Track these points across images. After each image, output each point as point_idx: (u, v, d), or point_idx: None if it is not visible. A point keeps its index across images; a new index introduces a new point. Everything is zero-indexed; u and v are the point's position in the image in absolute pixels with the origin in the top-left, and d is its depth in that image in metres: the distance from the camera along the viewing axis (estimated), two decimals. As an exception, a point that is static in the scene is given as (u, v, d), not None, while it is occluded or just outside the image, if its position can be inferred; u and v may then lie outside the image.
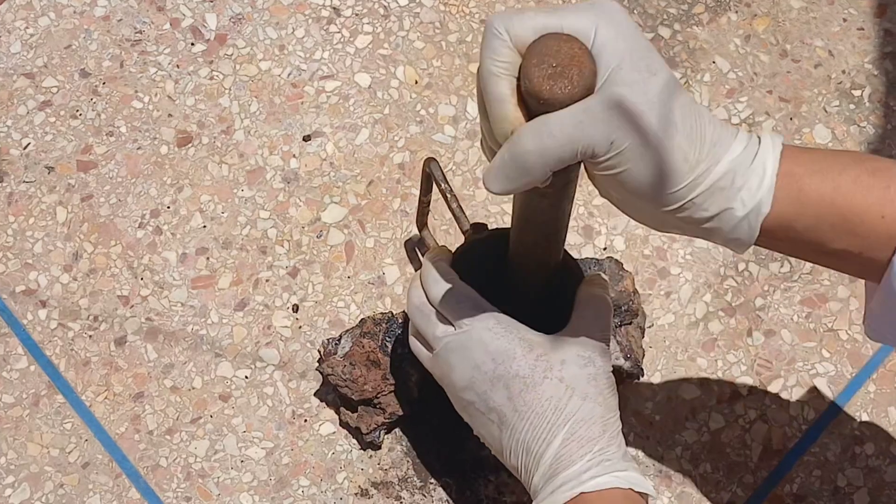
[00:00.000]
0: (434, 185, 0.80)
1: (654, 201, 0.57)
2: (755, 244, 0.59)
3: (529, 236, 0.65)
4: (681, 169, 0.55)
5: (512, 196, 0.61)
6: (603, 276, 0.72)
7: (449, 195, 0.77)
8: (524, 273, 0.69)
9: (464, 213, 0.77)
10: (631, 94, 0.53)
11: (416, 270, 0.87)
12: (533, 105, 0.54)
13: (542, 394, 0.64)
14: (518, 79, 0.54)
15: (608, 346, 0.67)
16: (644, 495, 0.63)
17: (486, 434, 0.67)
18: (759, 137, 0.58)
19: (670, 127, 0.54)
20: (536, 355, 0.65)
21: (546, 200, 0.60)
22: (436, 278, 0.69)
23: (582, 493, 0.62)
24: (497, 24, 0.54)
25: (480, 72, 0.55)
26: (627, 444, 0.66)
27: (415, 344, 0.71)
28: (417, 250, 0.88)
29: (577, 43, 0.53)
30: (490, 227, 0.75)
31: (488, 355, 0.65)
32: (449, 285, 0.68)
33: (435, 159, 0.78)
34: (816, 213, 0.57)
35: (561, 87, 0.53)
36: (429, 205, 0.83)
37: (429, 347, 0.69)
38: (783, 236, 0.58)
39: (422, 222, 0.85)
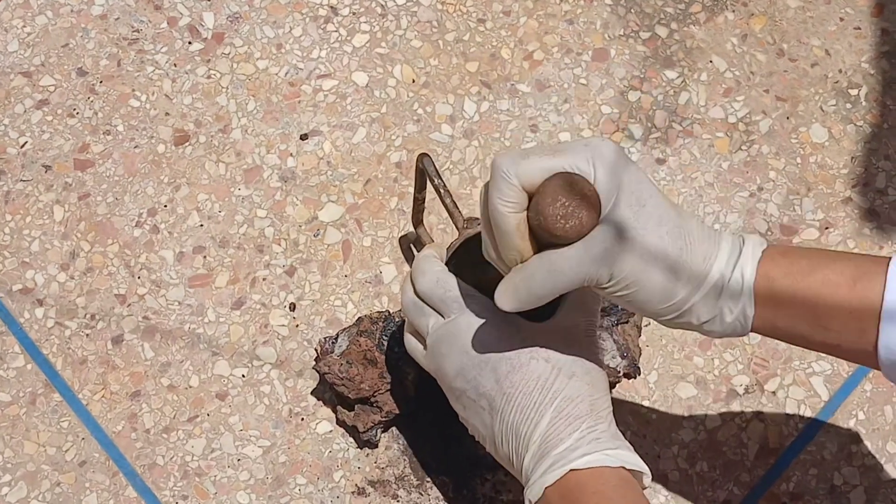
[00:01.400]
0: (428, 182, 0.80)
1: (652, 314, 0.64)
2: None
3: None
4: (671, 290, 0.62)
5: None
6: None
7: (443, 191, 0.77)
8: None
9: (458, 209, 0.77)
10: (626, 231, 0.60)
11: (409, 266, 0.87)
12: (543, 237, 0.61)
13: (528, 374, 0.65)
14: (528, 212, 0.61)
15: (595, 333, 0.69)
16: (637, 473, 0.64)
17: (479, 425, 0.68)
18: (742, 240, 0.64)
19: (661, 253, 0.61)
20: (523, 338, 0.66)
21: None
22: (423, 271, 0.70)
23: (572, 470, 0.62)
24: (505, 168, 0.61)
25: (491, 208, 0.62)
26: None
27: (410, 342, 0.71)
28: (413, 248, 0.88)
29: (586, 184, 0.60)
30: None
31: (476, 340, 0.67)
32: (436, 277, 0.69)
33: (428, 155, 0.78)
34: (790, 313, 0.63)
35: (572, 226, 0.59)
36: (423, 201, 0.83)
37: (423, 342, 0.70)
38: (771, 332, 0.65)
39: (417, 219, 0.85)
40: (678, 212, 0.63)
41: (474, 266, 0.71)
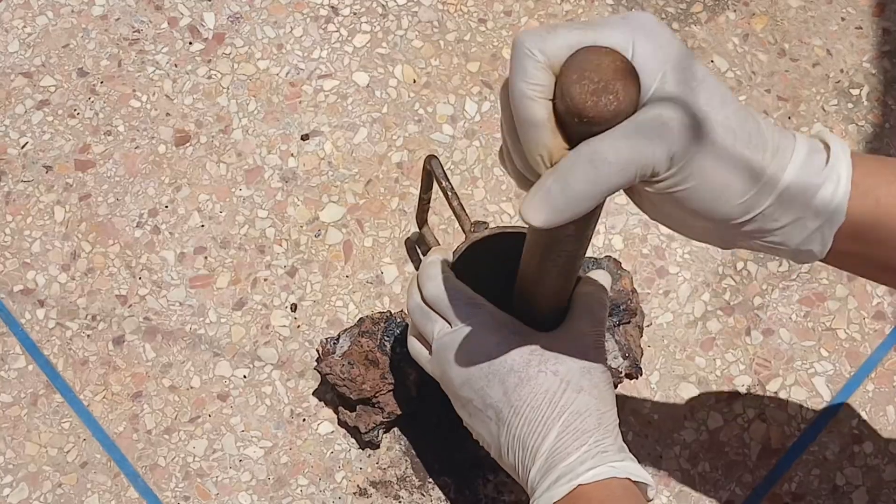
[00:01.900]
0: (434, 183, 0.80)
1: (720, 216, 0.53)
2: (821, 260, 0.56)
3: (549, 265, 0.61)
4: (746, 178, 0.52)
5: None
6: (604, 273, 0.72)
7: (450, 193, 0.77)
8: (535, 300, 0.66)
9: (464, 211, 0.77)
10: (683, 105, 0.49)
11: (415, 269, 0.87)
12: (574, 126, 0.49)
13: (536, 388, 0.64)
14: (553, 100, 0.50)
15: (603, 342, 0.67)
16: (642, 485, 0.63)
17: (485, 433, 0.67)
18: (821, 142, 0.55)
19: (730, 134, 0.51)
20: (531, 350, 0.65)
21: (571, 227, 0.55)
22: (430, 276, 0.69)
23: (579, 485, 0.61)
24: (529, 44, 0.50)
25: (513, 95, 0.50)
26: (626, 444, 0.66)
27: (414, 346, 0.71)
28: (417, 248, 0.88)
29: (618, 55, 0.49)
30: (490, 225, 0.75)
31: (483, 351, 0.66)
32: (443, 283, 0.68)
33: (436, 156, 0.78)
34: (892, 227, 0.54)
35: (606, 104, 0.48)
36: (429, 202, 0.83)
37: (428, 347, 0.69)
38: (852, 250, 0.55)
39: (422, 220, 0.85)
40: (742, 102, 0.54)
41: (481, 270, 0.71)
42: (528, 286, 0.65)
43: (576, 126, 0.49)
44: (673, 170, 0.50)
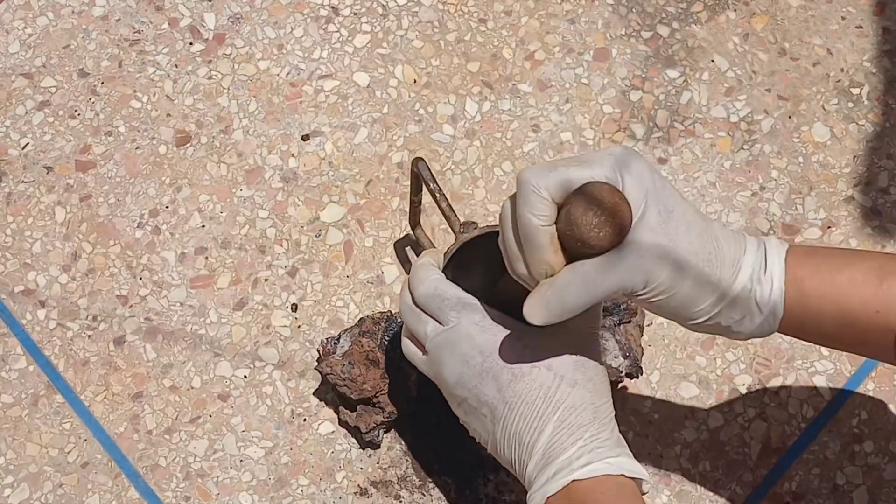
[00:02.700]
0: (423, 185, 0.80)
1: (685, 319, 0.65)
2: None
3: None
4: (704, 292, 0.63)
5: None
6: None
7: (438, 195, 0.77)
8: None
9: (454, 212, 0.77)
10: (656, 238, 0.61)
11: (407, 269, 0.87)
12: (574, 247, 0.60)
13: (530, 383, 0.65)
14: (556, 224, 0.61)
15: (597, 336, 0.68)
16: (637, 480, 0.64)
17: (481, 430, 0.68)
18: (764, 244, 0.65)
19: (691, 258, 0.62)
20: (523, 345, 0.66)
21: None
22: (421, 279, 0.70)
23: (574, 480, 0.62)
24: (534, 181, 0.60)
25: (521, 223, 0.61)
26: (626, 444, 0.66)
27: (408, 347, 0.71)
28: (412, 250, 0.88)
29: (617, 193, 0.59)
30: (482, 225, 0.75)
31: (476, 349, 0.66)
32: (434, 284, 0.69)
33: (423, 159, 0.78)
34: (818, 311, 0.64)
35: (606, 235, 0.59)
36: (420, 204, 0.83)
37: (421, 348, 0.70)
38: (797, 332, 0.66)
39: (414, 221, 0.85)
40: (702, 217, 0.64)
41: (472, 270, 0.71)
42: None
43: (576, 248, 0.60)
44: (648, 289, 0.62)
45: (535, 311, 0.61)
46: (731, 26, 0.97)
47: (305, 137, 0.92)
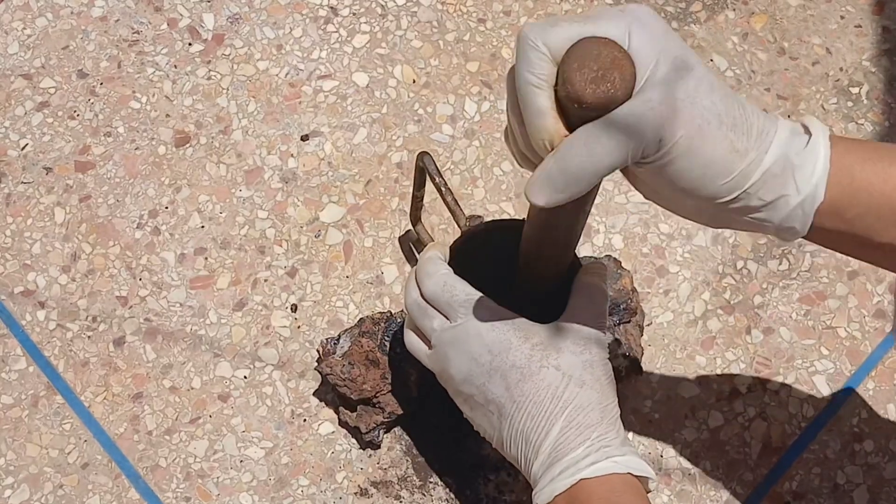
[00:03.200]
0: (428, 180, 0.80)
1: (707, 195, 0.56)
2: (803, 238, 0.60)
3: (547, 244, 0.64)
4: (731, 159, 0.55)
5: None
6: (601, 262, 0.72)
7: (444, 189, 0.77)
8: (536, 277, 0.68)
9: (459, 207, 0.77)
10: (673, 90, 0.53)
11: (411, 266, 0.87)
12: (573, 111, 0.54)
13: (539, 383, 0.64)
14: (555, 87, 0.54)
15: (604, 333, 0.68)
16: (643, 479, 0.64)
17: (487, 426, 0.68)
18: (802, 125, 0.58)
19: (715, 118, 0.54)
20: (532, 344, 0.65)
21: (570, 205, 0.58)
22: (429, 273, 0.69)
23: (582, 479, 0.62)
24: (532, 36, 0.54)
25: (518, 84, 0.55)
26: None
27: (411, 340, 0.71)
28: (412, 246, 0.88)
29: (615, 46, 0.53)
30: (485, 220, 0.75)
31: (484, 347, 0.66)
32: (442, 280, 0.68)
33: (428, 153, 0.78)
34: (867, 203, 0.57)
35: (604, 91, 0.53)
36: (422, 199, 0.83)
37: (427, 342, 0.70)
38: (832, 226, 0.58)
39: (415, 217, 0.85)
40: (730, 89, 0.57)
41: (478, 264, 0.71)
42: (529, 261, 0.66)
43: (575, 111, 0.53)
44: (661, 151, 0.54)
45: (538, 187, 0.55)
46: (730, 26, 0.97)
47: (305, 138, 0.92)
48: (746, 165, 0.56)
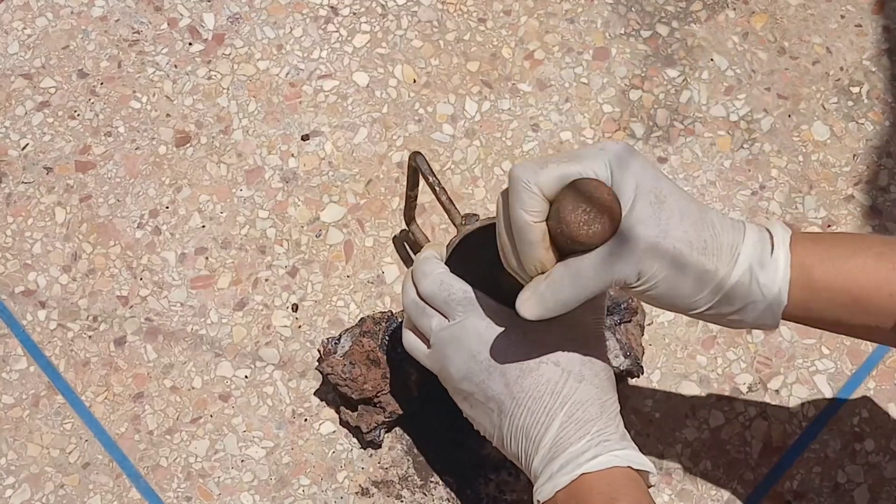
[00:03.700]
0: (421, 180, 0.80)
1: (683, 309, 0.64)
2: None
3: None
4: (703, 279, 0.62)
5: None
6: None
7: (437, 188, 0.77)
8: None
9: (454, 206, 0.77)
10: (647, 229, 0.60)
11: (405, 265, 0.87)
12: (565, 244, 0.61)
13: (538, 379, 0.65)
14: (547, 221, 0.61)
15: (602, 329, 0.69)
16: (644, 473, 0.64)
17: (487, 424, 0.68)
18: (767, 230, 0.64)
19: (686, 246, 0.61)
20: (531, 341, 0.66)
21: None
22: (425, 273, 0.70)
23: (582, 474, 0.63)
24: (525, 178, 0.61)
25: (513, 218, 0.61)
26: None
27: (409, 340, 0.71)
28: (407, 245, 0.88)
29: (605, 189, 0.60)
30: (481, 217, 0.75)
31: (483, 344, 0.66)
32: (439, 279, 0.69)
33: (420, 153, 0.78)
34: (828, 298, 0.63)
35: (595, 232, 0.60)
36: (416, 199, 0.83)
37: (425, 341, 0.70)
38: (802, 318, 0.65)
39: (409, 216, 0.85)
40: (698, 205, 0.63)
41: (474, 262, 0.71)
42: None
43: (566, 245, 0.61)
44: (641, 280, 0.61)
45: (530, 306, 0.62)
46: (731, 25, 0.97)
47: (305, 137, 0.92)
48: (717, 282, 0.62)
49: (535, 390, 0.65)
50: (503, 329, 0.67)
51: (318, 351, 0.81)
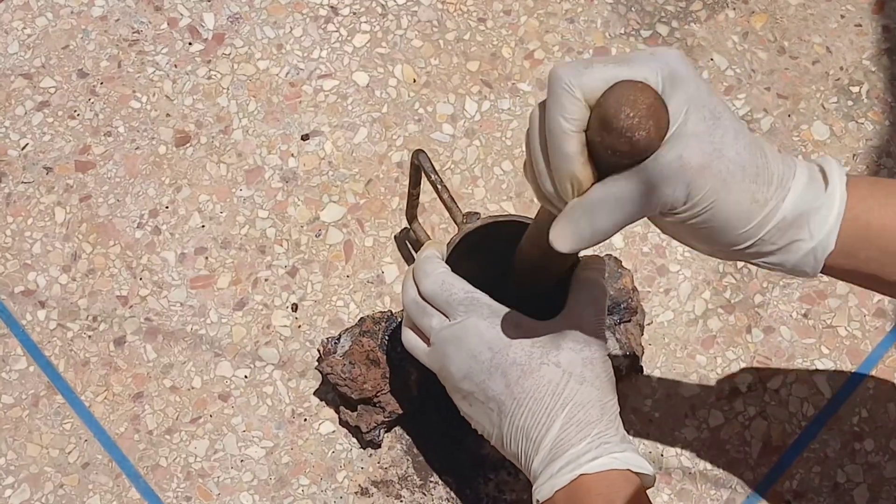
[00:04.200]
0: (423, 178, 0.80)
1: (725, 243, 0.58)
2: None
3: (553, 250, 0.63)
4: (752, 210, 0.57)
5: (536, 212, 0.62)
6: (599, 256, 0.72)
7: (440, 186, 0.77)
8: (536, 275, 0.68)
9: (456, 204, 0.77)
10: (700, 144, 0.54)
11: (408, 264, 0.87)
12: (605, 157, 0.54)
13: (539, 380, 0.65)
14: (586, 131, 0.54)
15: (604, 329, 0.68)
16: (643, 475, 0.64)
17: (486, 423, 0.68)
18: (819, 167, 0.60)
19: (739, 170, 0.56)
20: (532, 341, 0.66)
21: None
22: (427, 272, 0.69)
23: (582, 474, 0.62)
24: (567, 79, 0.54)
25: (550, 126, 0.55)
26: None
27: (409, 338, 0.71)
28: (409, 244, 0.88)
29: (651, 92, 0.53)
30: (484, 215, 0.75)
31: (484, 344, 0.66)
32: (441, 278, 0.69)
33: (423, 151, 0.78)
34: (881, 246, 0.59)
35: (639, 139, 0.52)
36: (418, 197, 0.83)
37: (426, 340, 0.70)
38: (846, 266, 0.60)
39: (411, 215, 0.85)
40: (754, 136, 0.58)
41: (476, 260, 0.71)
42: (531, 261, 0.67)
43: (607, 157, 0.53)
44: (690, 203, 0.55)
45: (564, 235, 0.56)
46: (731, 25, 0.97)
47: (305, 137, 0.92)
48: (764, 215, 0.57)
49: (536, 391, 0.65)
50: (505, 329, 0.66)
51: (318, 351, 0.81)
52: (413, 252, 0.88)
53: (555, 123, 0.54)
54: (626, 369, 0.81)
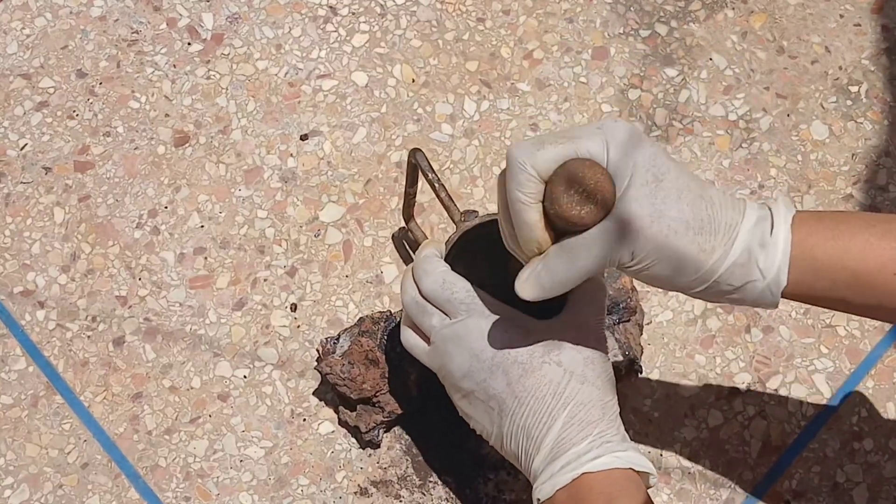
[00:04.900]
0: (420, 177, 0.80)
1: (681, 287, 0.64)
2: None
3: None
4: (699, 259, 0.62)
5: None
6: None
7: (437, 185, 0.77)
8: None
9: (453, 202, 0.77)
10: (641, 208, 0.60)
11: (404, 262, 0.87)
12: (560, 226, 0.62)
13: (540, 379, 0.65)
14: (543, 202, 0.62)
15: (603, 328, 0.69)
16: (644, 474, 0.64)
17: (486, 422, 0.68)
18: (769, 208, 0.64)
19: (682, 226, 0.61)
20: (533, 340, 0.66)
21: None
22: (427, 271, 0.70)
23: (584, 473, 0.63)
24: (521, 159, 0.61)
25: (510, 200, 0.62)
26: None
27: (408, 337, 0.71)
28: (405, 243, 0.88)
29: (599, 169, 0.60)
30: (482, 214, 0.75)
31: (485, 343, 0.67)
32: (441, 277, 0.69)
33: (420, 149, 0.78)
34: (832, 278, 0.63)
35: (587, 212, 0.60)
36: (415, 196, 0.83)
37: (425, 339, 0.70)
38: (805, 297, 0.65)
39: (408, 214, 0.85)
40: (699, 183, 0.63)
41: (474, 258, 0.72)
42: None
43: (561, 225, 0.62)
44: (635, 260, 0.62)
45: (528, 286, 0.63)
46: (730, 24, 0.97)
47: (304, 137, 0.92)
48: (714, 262, 0.62)
49: (538, 390, 0.65)
50: (506, 328, 0.67)
51: (317, 351, 0.81)
52: (410, 252, 0.88)
53: (514, 196, 0.62)
54: (626, 369, 0.81)
